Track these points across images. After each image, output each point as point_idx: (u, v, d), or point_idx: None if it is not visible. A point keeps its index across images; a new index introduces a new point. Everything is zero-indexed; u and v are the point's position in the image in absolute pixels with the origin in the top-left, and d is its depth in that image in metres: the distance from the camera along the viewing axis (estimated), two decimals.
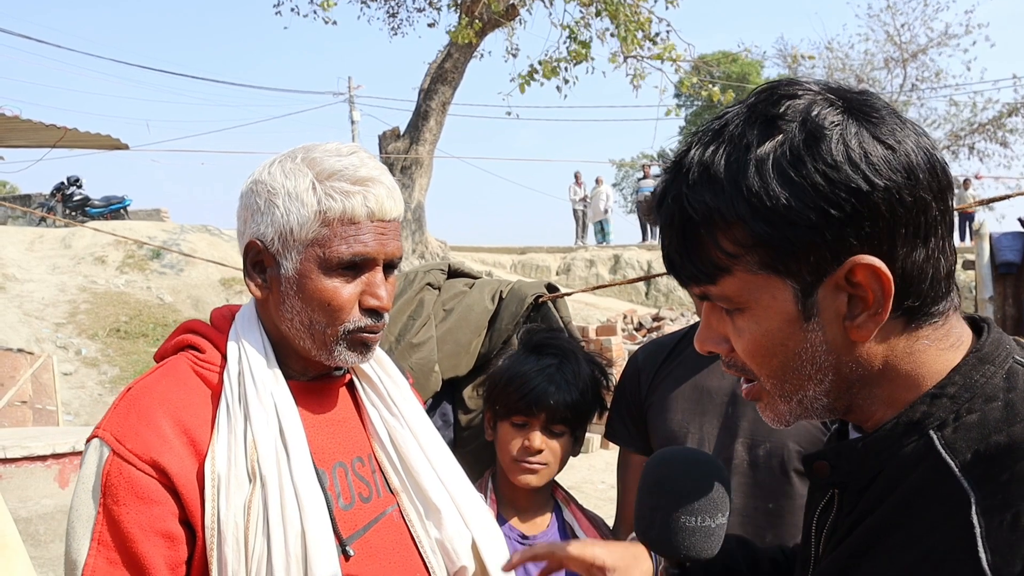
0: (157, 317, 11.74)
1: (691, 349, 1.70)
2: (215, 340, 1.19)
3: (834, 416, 0.81)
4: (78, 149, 9.86)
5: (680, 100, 24.08)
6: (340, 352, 1.16)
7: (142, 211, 19.06)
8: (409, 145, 12.45)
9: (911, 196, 0.70)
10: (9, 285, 11.68)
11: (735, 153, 0.72)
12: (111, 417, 1.10)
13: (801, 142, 0.71)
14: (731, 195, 0.72)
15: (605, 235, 20.19)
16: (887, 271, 0.70)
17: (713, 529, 0.93)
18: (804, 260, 0.71)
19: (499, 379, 1.70)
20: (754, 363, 0.78)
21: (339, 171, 1.13)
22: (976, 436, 0.71)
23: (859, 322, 0.73)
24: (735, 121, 0.75)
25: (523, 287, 2.13)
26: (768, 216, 0.70)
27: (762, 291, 0.74)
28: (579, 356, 1.75)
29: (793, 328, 0.74)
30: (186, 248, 13.39)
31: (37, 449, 5.59)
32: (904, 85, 24.86)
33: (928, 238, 0.72)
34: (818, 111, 0.72)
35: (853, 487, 0.79)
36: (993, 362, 0.75)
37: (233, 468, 1.07)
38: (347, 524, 1.15)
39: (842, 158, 0.70)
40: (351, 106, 24.77)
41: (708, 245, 0.75)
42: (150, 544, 1.04)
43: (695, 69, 12.41)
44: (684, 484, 0.94)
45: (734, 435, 1.56)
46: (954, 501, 0.69)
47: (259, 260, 1.17)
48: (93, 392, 9.81)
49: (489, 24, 11.57)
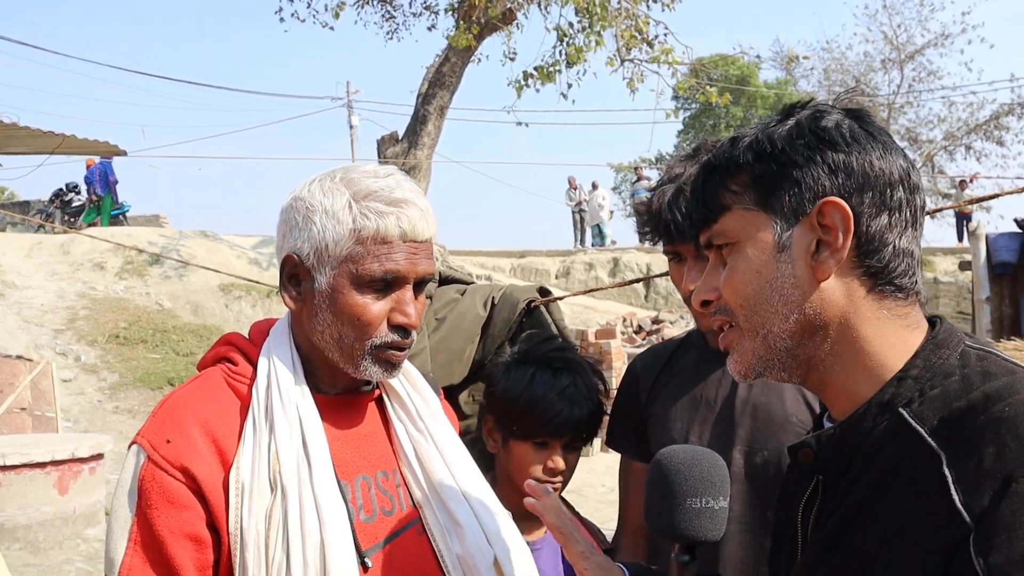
0: (156, 323, 11.74)
1: (689, 357, 1.72)
2: (249, 353, 1.25)
3: (793, 379, 0.92)
4: (76, 156, 9.88)
5: (678, 103, 24.10)
6: (366, 367, 1.20)
7: (141, 217, 19.07)
8: (407, 149, 12.45)
9: (881, 167, 0.87)
10: (8, 292, 11.68)
11: (761, 128, 0.93)
12: (149, 424, 1.16)
13: (806, 117, 0.91)
14: (745, 149, 0.91)
15: (603, 238, 20.21)
16: (849, 211, 0.85)
17: (716, 511, 1.03)
18: (786, 196, 0.88)
19: (515, 402, 1.68)
20: (732, 293, 0.92)
21: (375, 192, 1.18)
22: (939, 405, 0.81)
23: (822, 259, 0.86)
24: (773, 116, 0.95)
25: (515, 292, 2.13)
26: (765, 157, 0.89)
27: (751, 224, 0.90)
28: (585, 367, 1.76)
29: (769, 258, 0.89)
30: (185, 253, 13.39)
31: (36, 456, 5.59)
32: (901, 86, 24.89)
33: (892, 212, 0.87)
34: (828, 110, 0.91)
35: (834, 471, 0.88)
36: (948, 346, 0.86)
37: (256, 477, 1.12)
38: (368, 536, 1.18)
39: (833, 128, 0.88)
40: (350, 111, 24.77)
41: (718, 187, 0.93)
42: (179, 547, 1.09)
43: (692, 72, 12.43)
44: (687, 471, 1.05)
45: (732, 443, 1.57)
46: (926, 462, 0.77)
47: (295, 273, 1.22)
48: (92, 398, 9.81)
49: (487, 28, 11.59)
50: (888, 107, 24.84)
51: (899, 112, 25.19)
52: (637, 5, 10.92)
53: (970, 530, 0.71)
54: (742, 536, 1.52)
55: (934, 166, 25.16)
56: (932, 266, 16.72)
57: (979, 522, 0.71)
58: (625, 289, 16.58)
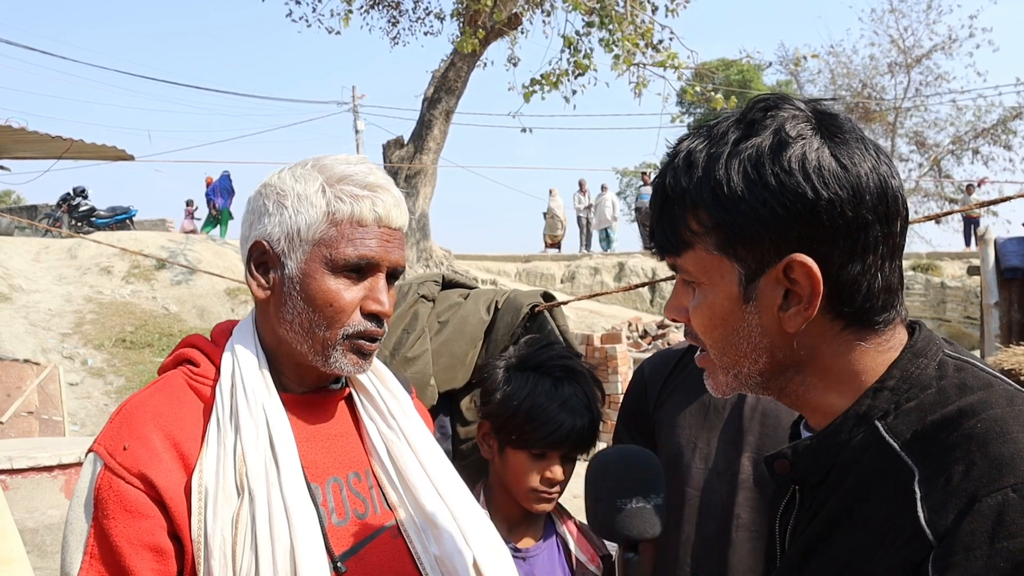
0: (163, 327, 11.77)
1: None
2: (211, 354, 1.20)
3: (770, 394, 0.90)
4: (84, 160, 9.92)
5: (683, 107, 24.03)
6: (336, 359, 1.16)
7: (147, 221, 19.16)
8: (413, 154, 12.47)
9: (852, 212, 0.79)
10: (15, 295, 11.73)
11: (714, 148, 0.83)
12: (106, 432, 1.11)
13: (767, 147, 0.81)
14: (701, 182, 0.83)
15: (610, 242, 20.19)
16: (818, 272, 0.79)
17: (650, 509, 1.06)
18: (751, 248, 0.81)
19: (515, 411, 1.65)
20: (701, 332, 0.88)
21: (349, 176, 1.16)
22: (915, 419, 0.79)
23: (790, 314, 0.82)
24: (725, 123, 0.85)
25: (519, 297, 2.12)
26: (726, 204, 0.81)
27: (714, 270, 0.84)
28: (586, 375, 1.73)
29: (735, 307, 0.84)
30: (191, 257, 13.43)
31: (43, 460, 5.61)
32: (908, 90, 24.83)
33: (866, 254, 0.80)
34: (792, 124, 0.82)
35: (810, 482, 0.87)
36: (925, 355, 0.84)
37: (221, 481, 1.07)
38: (341, 540, 1.14)
39: (797, 166, 0.79)
40: (355, 116, 24.83)
41: (678, 221, 0.86)
42: (139, 558, 1.04)
43: (698, 76, 12.42)
44: (617, 473, 1.08)
45: (740, 450, 1.56)
46: (899, 478, 0.76)
47: (263, 261, 1.18)
48: (99, 402, 9.84)
49: (492, 33, 11.61)
50: (895, 110, 24.79)
51: (906, 115, 25.14)
52: (643, 12, 10.92)
53: (932, 548, 0.70)
54: (752, 543, 1.51)
55: (941, 170, 25.08)
56: (939, 271, 16.64)
57: (941, 540, 0.70)
58: (630, 294, 16.55)
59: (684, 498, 1.60)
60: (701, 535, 1.58)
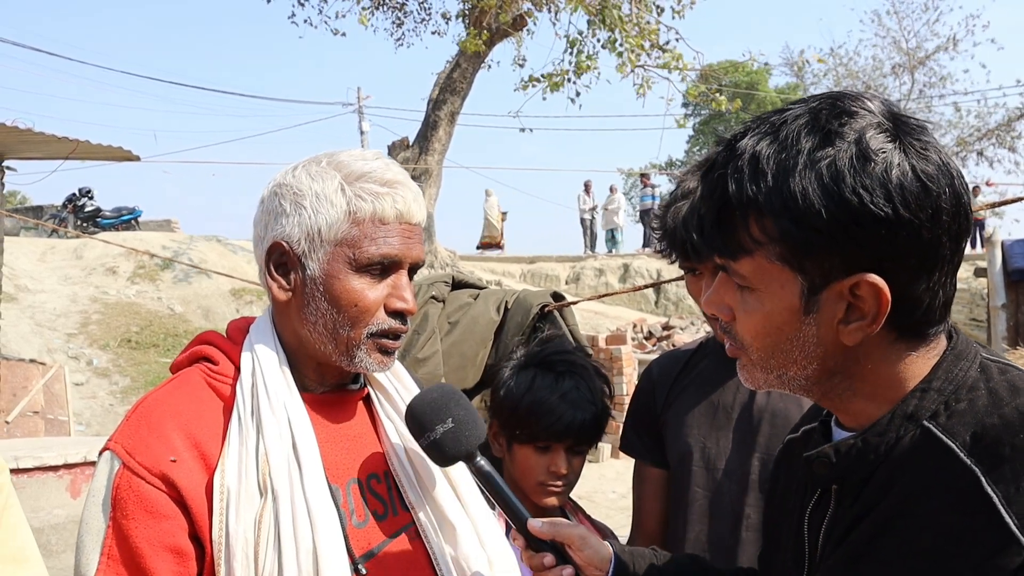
0: (168, 327, 11.81)
1: (706, 363, 1.71)
2: (229, 352, 1.18)
3: (807, 396, 0.89)
4: (89, 161, 9.95)
5: (688, 109, 24.05)
6: (361, 358, 1.15)
7: (153, 222, 19.21)
8: (418, 155, 12.48)
9: (929, 234, 0.77)
10: (21, 296, 11.77)
11: (787, 155, 0.79)
12: (123, 430, 1.09)
13: (848, 160, 0.77)
14: (772, 191, 0.78)
15: (616, 243, 20.21)
16: (888, 293, 0.78)
17: (449, 430, 1.16)
18: (818, 263, 0.79)
19: (517, 405, 1.67)
20: (750, 336, 0.86)
21: (367, 173, 1.14)
22: (970, 420, 0.79)
23: (851, 328, 0.81)
24: (795, 124, 0.80)
25: (529, 297, 2.12)
26: (799, 217, 0.77)
27: (774, 279, 0.82)
28: (589, 370, 1.74)
29: (793, 318, 0.82)
30: (196, 258, 13.46)
31: (49, 459, 5.63)
32: (911, 91, 24.78)
33: (933, 272, 0.79)
34: (872, 134, 0.78)
35: (852, 482, 0.86)
36: (967, 358, 0.85)
37: (244, 482, 1.06)
38: (360, 542, 1.13)
39: (879, 185, 0.76)
40: (360, 117, 24.84)
41: (739, 227, 0.82)
42: (159, 560, 1.03)
43: (702, 77, 12.41)
44: (421, 409, 1.18)
45: (751, 450, 1.56)
46: (962, 480, 0.75)
47: (283, 262, 1.16)
48: (104, 402, 9.86)
49: (497, 34, 11.62)
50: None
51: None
52: (648, 13, 10.92)
53: None
54: (760, 544, 1.50)
55: None
56: None
57: None
58: (635, 295, 16.55)
59: (693, 498, 1.60)
60: (710, 535, 1.58)
